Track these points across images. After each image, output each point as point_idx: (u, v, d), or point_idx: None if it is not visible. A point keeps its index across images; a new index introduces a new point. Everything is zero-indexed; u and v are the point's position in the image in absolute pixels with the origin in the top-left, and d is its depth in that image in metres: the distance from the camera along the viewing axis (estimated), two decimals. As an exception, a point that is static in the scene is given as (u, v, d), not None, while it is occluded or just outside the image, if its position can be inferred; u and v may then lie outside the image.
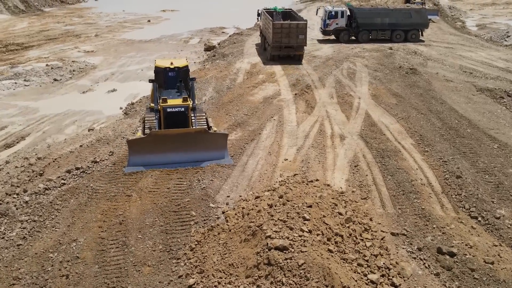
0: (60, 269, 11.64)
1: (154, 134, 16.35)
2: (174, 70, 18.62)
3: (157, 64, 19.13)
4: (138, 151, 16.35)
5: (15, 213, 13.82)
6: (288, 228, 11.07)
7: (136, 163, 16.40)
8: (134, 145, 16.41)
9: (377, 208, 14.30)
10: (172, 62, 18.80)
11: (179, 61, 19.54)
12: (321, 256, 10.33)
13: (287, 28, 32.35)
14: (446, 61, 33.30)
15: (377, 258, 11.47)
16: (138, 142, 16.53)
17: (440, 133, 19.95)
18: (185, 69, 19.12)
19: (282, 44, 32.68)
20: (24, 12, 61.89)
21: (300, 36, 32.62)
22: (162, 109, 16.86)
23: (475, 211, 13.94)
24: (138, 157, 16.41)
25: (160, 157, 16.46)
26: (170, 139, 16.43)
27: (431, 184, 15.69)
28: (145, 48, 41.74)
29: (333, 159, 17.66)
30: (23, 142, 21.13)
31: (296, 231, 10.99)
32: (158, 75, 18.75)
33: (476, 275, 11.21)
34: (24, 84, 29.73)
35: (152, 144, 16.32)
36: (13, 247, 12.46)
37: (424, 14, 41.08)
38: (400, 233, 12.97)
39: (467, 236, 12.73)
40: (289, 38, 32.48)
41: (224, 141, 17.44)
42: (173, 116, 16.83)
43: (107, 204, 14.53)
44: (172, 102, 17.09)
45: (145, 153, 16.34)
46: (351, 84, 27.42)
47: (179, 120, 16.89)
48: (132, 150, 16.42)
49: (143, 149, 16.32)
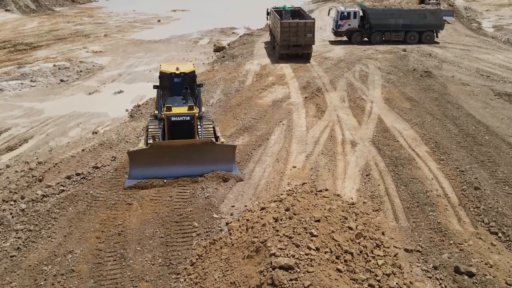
0: (54, 283, 11.02)
1: (156, 145, 15.36)
2: (180, 75, 17.53)
3: (162, 69, 18.09)
4: (139, 164, 15.28)
5: (10, 222, 13.26)
6: (294, 245, 10.32)
7: (138, 176, 15.27)
8: (135, 157, 15.33)
9: (390, 221, 13.50)
10: (178, 67, 17.74)
11: (185, 66, 18.52)
12: (329, 277, 9.58)
13: (295, 27, 32.61)
14: (462, 63, 32.29)
15: (389, 277, 10.67)
16: (139, 153, 15.44)
17: (456, 140, 19.07)
18: (192, 75, 18.07)
19: (290, 42, 32.91)
20: (35, 11, 61.82)
21: (308, 34, 32.79)
22: (166, 118, 15.92)
23: (495, 226, 13.06)
24: (140, 170, 15.29)
25: (163, 170, 15.40)
26: (174, 150, 15.36)
27: (448, 196, 14.84)
28: (154, 49, 41.23)
29: (343, 167, 16.88)
30: (26, 145, 20.70)
31: (303, 248, 10.24)
32: (163, 81, 17.78)
33: (497, 298, 10.39)
34: (31, 84, 29.36)
35: (154, 156, 15.25)
36: (6, 259, 11.88)
37: (439, 15, 40.00)
38: (415, 249, 12.16)
39: (486, 254, 11.88)
40: (297, 36, 32.71)
41: (232, 153, 16.22)
42: (177, 126, 15.90)
43: (107, 213, 13.91)
44: (177, 110, 16.09)
45: (147, 165, 15.25)
46: (363, 87, 26.59)
47: (184, 130, 15.95)
48: (133, 162, 15.38)
49: (145, 161, 15.27)
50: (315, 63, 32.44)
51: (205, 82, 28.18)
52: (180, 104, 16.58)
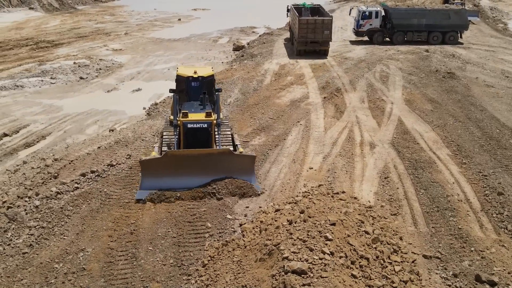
0: (64, 281, 10.93)
1: (171, 154, 14.38)
2: (198, 79, 16.62)
3: (179, 72, 17.17)
4: (152, 173, 14.31)
5: (24, 218, 13.24)
6: (308, 249, 10.02)
7: (150, 186, 14.31)
8: (147, 167, 14.35)
9: (408, 226, 13.07)
10: (196, 71, 16.74)
11: (203, 69, 17.54)
12: (343, 282, 9.26)
13: (312, 24, 33.37)
14: (486, 65, 31.44)
15: (406, 284, 10.29)
16: (152, 163, 14.37)
17: (479, 144, 18.47)
18: (210, 79, 17.13)
19: (308, 39, 33.68)
20: (58, 10, 62.56)
21: (325, 31, 33.56)
22: (182, 125, 14.95)
23: (519, 234, 12.56)
24: (152, 180, 14.32)
25: (177, 180, 14.36)
26: (189, 160, 14.37)
27: (469, 201, 14.32)
28: (173, 47, 41.24)
29: (361, 169, 16.48)
30: (43, 141, 20.79)
31: (317, 252, 9.94)
32: (180, 84, 16.90)
33: (520, 310, 9.91)
34: (50, 81, 29.59)
35: (168, 165, 14.26)
36: (18, 255, 11.85)
37: (464, 15, 39.04)
38: (434, 256, 11.72)
39: (509, 262, 11.38)
40: (314, 33, 33.49)
41: (252, 164, 15.17)
42: (194, 133, 14.91)
43: (120, 212, 13.81)
44: (194, 117, 15.05)
45: (160, 175, 14.25)
46: (383, 88, 26.07)
47: (200, 138, 14.96)
48: (145, 172, 14.43)
49: (158, 171, 14.27)
50: (335, 63, 31.97)
51: (223, 81, 28.04)
52: (197, 110, 15.60)
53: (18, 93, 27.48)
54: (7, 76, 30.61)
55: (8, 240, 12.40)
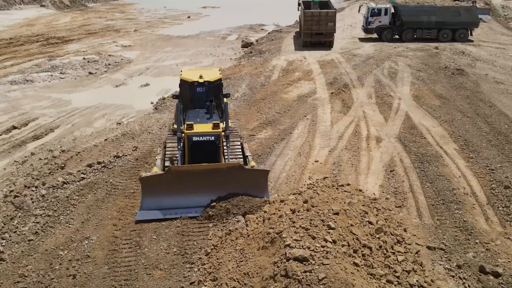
0: (68, 268, 11.01)
1: (174, 170, 12.79)
2: (203, 85, 14.88)
3: (183, 76, 15.38)
4: (153, 192, 12.79)
5: (30, 207, 13.38)
6: (310, 237, 9.99)
7: (152, 206, 12.87)
8: (148, 184, 12.76)
9: (413, 218, 13.01)
10: (202, 75, 15.00)
11: (210, 72, 15.74)
12: (344, 270, 9.23)
13: (317, 16, 35.57)
14: (496, 62, 31.16)
15: (409, 274, 10.23)
16: (154, 180, 12.77)
17: (487, 139, 18.32)
18: (218, 84, 15.44)
19: (313, 30, 35.94)
20: (69, 7, 63.12)
21: (329, 23, 35.74)
22: (186, 138, 13.39)
23: (525, 227, 12.45)
24: (154, 199, 12.84)
25: (182, 199, 12.92)
26: (196, 176, 12.81)
27: (475, 194, 14.22)
28: (182, 44, 41.40)
29: (367, 163, 16.43)
30: (52, 134, 20.91)
31: (319, 240, 9.91)
32: (184, 90, 15.30)
33: (524, 301, 9.82)
34: (60, 76, 29.81)
35: (171, 182, 12.71)
36: (24, 242, 11.97)
37: (475, 13, 38.70)
38: (438, 247, 11.65)
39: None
40: (319, 25, 35.70)
41: (265, 179, 13.67)
42: (200, 147, 13.39)
43: (125, 201, 13.92)
44: (200, 128, 13.49)
45: (163, 194, 12.82)
46: (391, 84, 25.95)
47: (207, 151, 13.41)
48: (146, 190, 12.84)
49: (160, 189, 12.76)
50: (343, 59, 31.88)
51: (231, 76, 28.11)
52: (203, 120, 14.07)
53: (28, 88, 27.72)
54: (18, 71, 30.92)
55: (14, 228, 12.53)
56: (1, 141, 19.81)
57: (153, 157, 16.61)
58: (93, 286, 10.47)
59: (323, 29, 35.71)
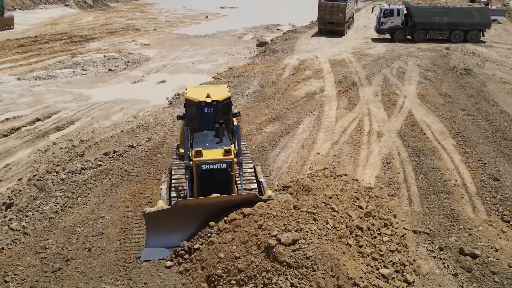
0: (84, 242, 12.24)
1: (182, 204, 11.44)
2: (211, 104, 13.44)
3: (189, 95, 13.88)
4: (159, 229, 11.52)
5: (51, 189, 14.65)
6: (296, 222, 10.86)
7: (157, 244, 11.58)
8: (153, 221, 11.45)
9: (404, 206, 13.91)
10: (209, 94, 13.55)
11: (218, 91, 14.19)
12: (334, 248, 10.16)
13: (330, 7, 41.70)
14: (506, 62, 31.59)
15: (393, 253, 11.19)
16: (159, 216, 11.43)
17: (485, 135, 19.03)
18: (227, 102, 14.00)
19: (325, 19, 42.01)
20: (92, 7, 65.11)
21: (339, 14, 41.35)
22: (195, 166, 11.93)
23: (508, 215, 13.24)
24: (160, 236, 11.58)
25: (191, 236, 11.71)
26: (206, 210, 11.66)
27: (466, 186, 15.04)
28: (198, 43, 42.70)
29: (366, 156, 17.34)
30: (72, 126, 22.25)
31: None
32: (190, 111, 13.84)
33: (496, 279, 10.64)
34: (81, 73, 31.31)
35: (179, 218, 11.46)
36: (45, 220, 13.24)
37: (487, 14, 39.07)
38: (423, 231, 12.57)
39: (494, 239, 12.12)
40: (331, 15, 41.70)
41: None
42: (210, 176, 11.93)
43: (137, 186, 15.12)
44: (209, 155, 12.07)
45: (169, 230, 11.53)
46: (398, 83, 26.71)
47: (219, 180, 12.01)
48: (151, 227, 11.56)
49: (167, 225, 11.48)
50: (354, 59, 32.68)
51: (244, 74, 29.21)
52: (212, 145, 12.59)
53: (51, 83, 29.24)
54: (42, 68, 32.51)
55: (36, 207, 13.82)
56: (25, 132, 21.20)
57: (166, 147, 17.87)
58: (106, 258, 11.67)
59: (334, 18, 41.48)
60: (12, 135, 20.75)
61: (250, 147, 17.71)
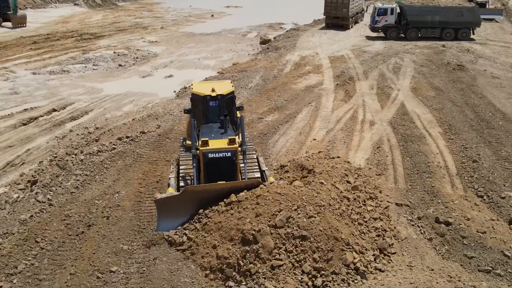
0: (103, 212, 13.82)
1: (191, 190, 12.24)
2: (216, 98, 14.37)
3: (195, 90, 14.82)
4: (170, 214, 12.36)
5: (71, 168, 16.26)
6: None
7: (168, 228, 12.38)
8: (164, 206, 12.26)
9: (389, 184, 15.41)
10: (214, 88, 14.51)
11: (222, 86, 15.26)
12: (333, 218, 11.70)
13: (335, 3, 45.96)
14: (498, 59, 33.01)
15: (376, 221, 12.68)
16: (169, 201, 12.22)
17: (470, 124, 20.46)
18: (231, 97, 14.93)
19: (331, 14, 46.81)
20: (100, 6, 66.99)
21: (344, 9, 45.62)
22: (202, 155, 12.72)
23: (483, 191, 14.70)
24: (170, 221, 12.42)
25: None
26: (213, 195, 12.47)
27: (448, 167, 16.50)
28: (204, 40, 44.32)
29: (358, 141, 18.85)
30: (86, 116, 23.84)
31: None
32: (196, 105, 14.76)
33: (465, 242, 12.14)
34: (93, 68, 32.98)
35: (188, 203, 12.35)
36: (67, 194, 14.82)
37: (477, 13, 40.52)
38: (405, 204, 14.07)
39: (467, 210, 13.60)
40: (336, 10, 46.22)
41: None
42: (216, 164, 12.73)
43: (149, 167, 16.69)
44: (215, 144, 12.86)
45: (179, 215, 12.45)
46: (393, 77, 28.18)
47: (224, 168, 12.83)
48: (161, 212, 12.37)
49: (176, 210, 12.34)
50: (353, 55, 34.18)
51: (247, 69, 30.75)
52: (218, 136, 13.41)
53: (64, 77, 30.90)
54: (55, 63, 34.20)
55: (59, 183, 15.39)
56: (43, 121, 22.81)
57: (174, 134, 19.43)
58: (122, 224, 13.26)
59: (339, 13, 45.97)
60: (31, 124, 22.35)
61: (252, 133, 19.25)
